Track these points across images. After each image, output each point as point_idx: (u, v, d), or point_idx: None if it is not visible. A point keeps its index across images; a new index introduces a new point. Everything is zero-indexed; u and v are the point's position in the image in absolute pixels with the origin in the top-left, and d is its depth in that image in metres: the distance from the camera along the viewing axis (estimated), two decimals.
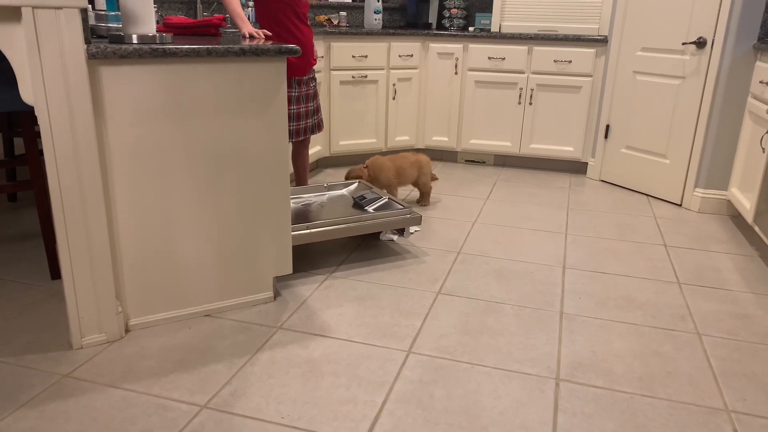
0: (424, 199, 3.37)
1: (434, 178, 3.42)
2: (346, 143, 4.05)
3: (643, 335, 2.09)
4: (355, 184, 3.01)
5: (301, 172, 3.17)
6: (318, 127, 3.03)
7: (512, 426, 1.61)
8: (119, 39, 1.85)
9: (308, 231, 2.41)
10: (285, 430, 1.56)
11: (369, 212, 2.65)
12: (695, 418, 1.66)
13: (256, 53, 1.93)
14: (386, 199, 2.79)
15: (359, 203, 2.76)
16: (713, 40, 3.25)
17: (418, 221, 2.69)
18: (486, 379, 1.81)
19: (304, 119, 2.93)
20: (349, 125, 4.03)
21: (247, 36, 2.46)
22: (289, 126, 2.86)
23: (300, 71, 2.84)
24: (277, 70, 2.00)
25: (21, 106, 2.23)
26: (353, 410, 1.65)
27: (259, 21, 2.79)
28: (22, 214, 3.05)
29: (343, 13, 4.33)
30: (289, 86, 2.82)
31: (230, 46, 1.89)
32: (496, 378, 1.81)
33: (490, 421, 1.62)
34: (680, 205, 3.56)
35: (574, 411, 1.68)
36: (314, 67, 2.96)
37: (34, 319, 2.05)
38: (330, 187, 2.98)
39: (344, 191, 2.98)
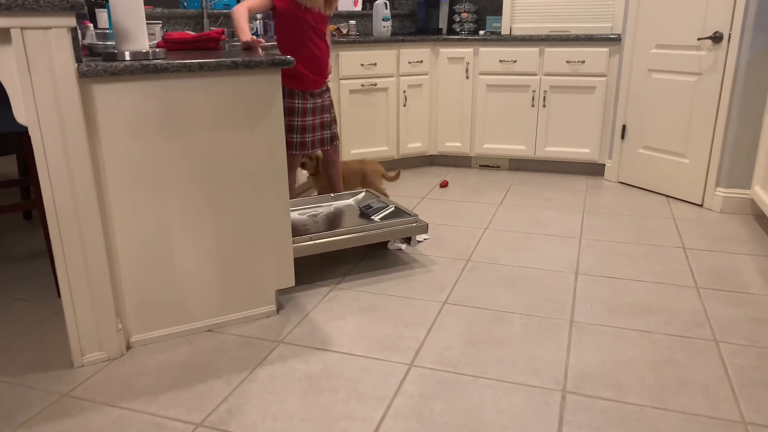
0: None
1: (393, 178, 3.37)
2: (358, 152, 4.02)
3: (656, 343, 2.00)
4: (363, 194, 2.98)
5: (335, 181, 3.17)
6: (324, 142, 2.99)
7: None
8: (112, 57, 1.85)
9: (311, 242, 2.39)
10: None
11: (375, 222, 2.61)
12: (709, 431, 1.58)
13: (249, 66, 1.92)
14: (393, 208, 2.76)
15: (365, 213, 2.72)
16: (730, 34, 3.15)
17: (424, 229, 2.64)
18: (489, 392, 1.75)
19: (319, 131, 2.92)
20: (360, 134, 4.01)
21: (246, 43, 2.49)
22: (304, 137, 2.86)
23: (313, 85, 2.84)
24: (271, 81, 1.99)
25: (19, 127, 2.25)
26: (350, 427, 1.61)
27: (278, 37, 2.80)
28: (35, 232, 3.10)
29: (353, 22, 4.31)
30: (304, 98, 2.83)
31: (222, 59, 1.88)
32: (500, 391, 1.75)
33: None
34: (701, 206, 3.44)
35: (580, 424, 1.61)
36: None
37: (38, 338, 2.06)
38: (337, 197, 2.95)
39: (351, 201, 2.95)
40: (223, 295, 2.10)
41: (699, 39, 3.28)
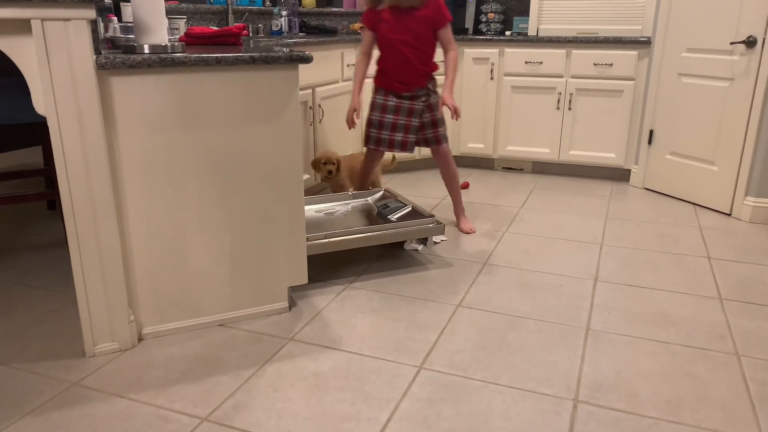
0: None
1: (390, 165, 3.44)
2: None
3: (675, 355, 1.94)
4: (380, 193, 2.96)
5: (364, 178, 3.15)
6: (404, 146, 2.89)
7: None
8: (131, 50, 1.86)
9: (326, 240, 2.38)
10: None
11: (391, 221, 2.59)
12: None
13: (267, 61, 1.91)
14: (410, 208, 2.73)
15: (382, 212, 2.70)
16: (765, 39, 3.05)
17: (441, 230, 2.61)
18: (498, 398, 1.71)
19: (400, 132, 2.87)
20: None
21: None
22: (379, 134, 2.90)
23: (400, 88, 2.86)
24: (289, 77, 1.98)
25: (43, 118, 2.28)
26: (355, 428, 1.59)
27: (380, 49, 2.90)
28: (58, 222, 3.14)
29: None
30: (386, 96, 2.89)
31: (240, 54, 1.88)
32: (509, 397, 1.72)
33: None
34: (729, 215, 3.35)
35: None
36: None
37: (53, 326, 2.08)
38: (354, 196, 2.94)
39: (369, 200, 2.93)
40: (236, 291, 2.10)
41: (732, 43, 3.19)
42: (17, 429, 1.57)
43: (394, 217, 2.66)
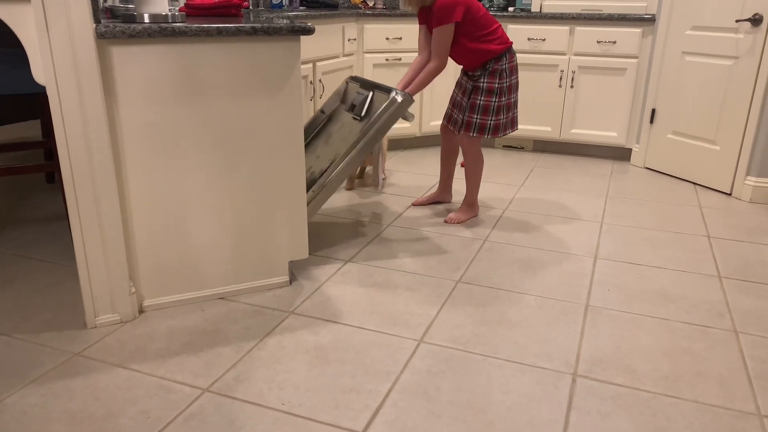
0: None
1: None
2: None
3: (674, 332, 1.96)
4: (345, 91, 2.75)
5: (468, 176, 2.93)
6: (455, 123, 2.80)
7: (519, 423, 1.52)
8: (131, 18, 1.84)
9: (315, 198, 2.33)
10: (284, 417, 1.53)
11: (365, 119, 2.42)
12: (722, 422, 1.54)
13: (268, 32, 1.89)
14: (372, 93, 2.53)
15: (356, 114, 2.51)
16: None
17: (409, 101, 2.42)
18: (498, 372, 1.73)
19: (452, 106, 2.87)
20: None
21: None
22: (447, 107, 2.91)
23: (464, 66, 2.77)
24: (291, 49, 1.95)
25: (40, 88, 2.26)
26: (355, 399, 1.60)
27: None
28: (57, 195, 3.13)
29: None
30: (460, 73, 2.84)
31: (242, 25, 1.85)
32: (509, 371, 1.73)
33: (497, 417, 1.54)
34: (730, 195, 3.34)
35: (589, 409, 1.58)
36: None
37: (54, 298, 2.09)
38: (326, 110, 2.74)
39: (342, 107, 2.70)
40: (237, 264, 2.10)
41: (737, 21, 3.16)
42: (20, 397, 1.58)
43: (364, 110, 2.48)
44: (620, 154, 4.05)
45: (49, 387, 1.62)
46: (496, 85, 2.66)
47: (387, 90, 2.48)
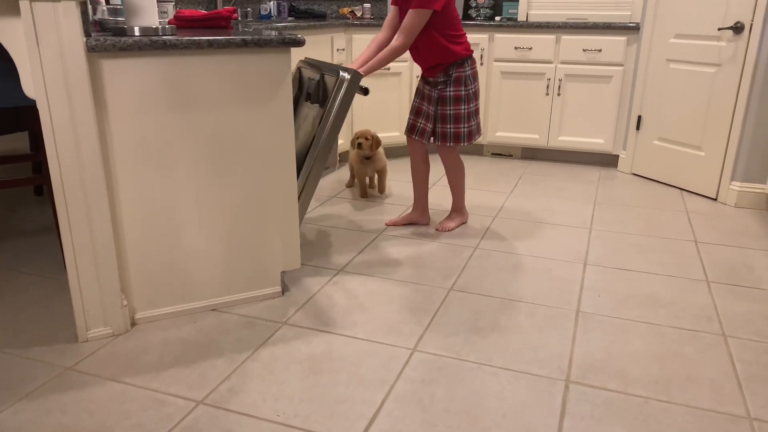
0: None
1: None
2: None
3: (664, 336, 1.98)
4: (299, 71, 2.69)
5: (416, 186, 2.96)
6: (422, 133, 2.77)
7: (514, 430, 1.53)
8: (122, 32, 1.84)
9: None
10: (279, 429, 1.53)
11: (322, 112, 2.31)
12: (714, 426, 1.56)
13: (259, 44, 1.90)
14: (320, 77, 2.44)
15: (313, 104, 2.45)
16: (752, 24, 3.08)
17: (358, 77, 2.31)
18: (491, 379, 1.74)
19: (416, 117, 2.81)
20: (372, 118, 3.98)
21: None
22: (409, 117, 2.85)
23: (425, 73, 2.75)
24: (281, 61, 1.97)
25: (30, 101, 2.26)
26: (350, 409, 1.60)
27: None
28: (45, 208, 3.11)
29: (367, 5, 4.27)
30: (420, 80, 2.82)
31: (232, 37, 1.86)
32: (503, 379, 1.74)
33: (492, 424, 1.55)
34: (716, 200, 3.39)
35: (582, 415, 1.59)
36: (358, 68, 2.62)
37: (44, 311, 2.07)
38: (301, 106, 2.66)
39: (301, 98, 2.64)
40: (229, 275, 2.10)
41: (719, 29, 3.22)
42: (12, 413, 1.57)
43: (319, 97, 2.40)
44: (607, 160, 4.09)
45: (41, 402, 1.61)
46: (463, 92, 2.67)
47: (334, 70, 2.37)
